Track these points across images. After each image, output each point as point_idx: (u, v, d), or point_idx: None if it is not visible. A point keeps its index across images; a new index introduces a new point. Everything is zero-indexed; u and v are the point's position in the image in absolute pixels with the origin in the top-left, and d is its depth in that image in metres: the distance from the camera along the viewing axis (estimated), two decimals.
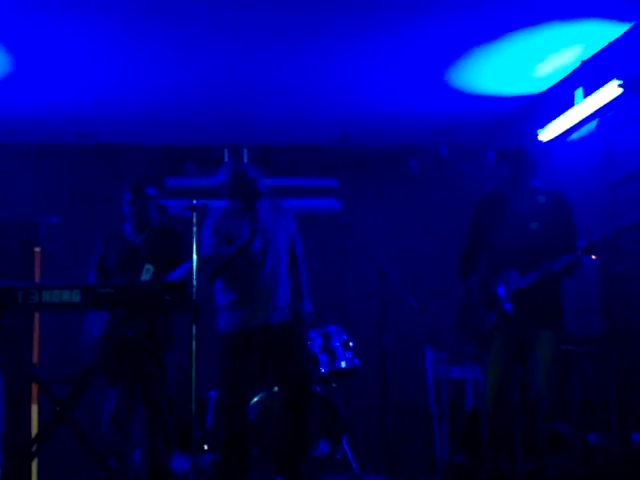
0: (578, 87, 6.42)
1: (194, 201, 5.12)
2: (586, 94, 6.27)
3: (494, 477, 5.16)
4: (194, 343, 4.91)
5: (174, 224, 5.90)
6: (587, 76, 6.32)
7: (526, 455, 5.22)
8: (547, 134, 6.83)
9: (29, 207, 7.79)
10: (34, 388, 6.58)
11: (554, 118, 6.69)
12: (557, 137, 6.78)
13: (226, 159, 8.41)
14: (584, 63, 6.39)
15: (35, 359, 6.87)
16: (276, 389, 6.37)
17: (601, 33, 5.98)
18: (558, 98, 6.79)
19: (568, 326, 5.95)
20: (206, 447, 6.72)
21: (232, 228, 5.50)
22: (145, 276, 5.61)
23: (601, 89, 6.01)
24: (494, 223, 5.29)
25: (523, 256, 5.11)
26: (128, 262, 5.71)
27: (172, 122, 7.77)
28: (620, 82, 5.81)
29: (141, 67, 6.54)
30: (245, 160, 8.39)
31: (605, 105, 6.08)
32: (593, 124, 6.36)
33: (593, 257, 5.34)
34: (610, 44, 6.08)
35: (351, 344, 6.69)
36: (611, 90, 5.90)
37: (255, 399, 6.41)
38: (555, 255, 4.96)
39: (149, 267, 5.63)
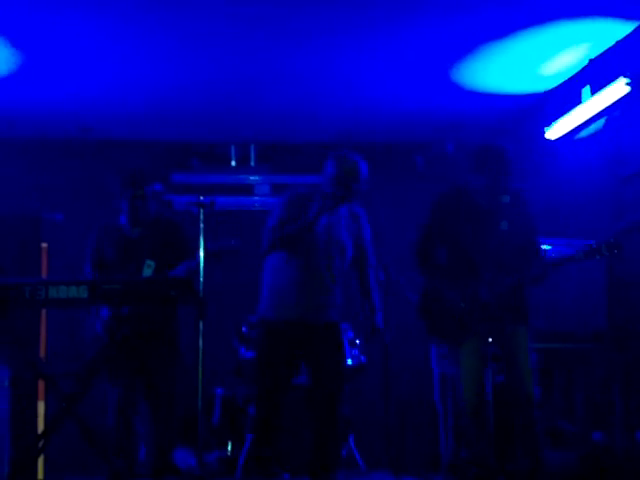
0: (585, 85, 6.42)
1: (201, 197, 5.11)
2: (593, 92, 6.26)
3: (484, 476, 5.16)
4: (200, 339, 4.91)
5: (171, 215, 5.80)
6: (594, 74, 6.32)
7: (521, 453, 5.23)
8: (554, 132, 6.82)
9: (34, 203, 7.80)
10: (41, 384, 6.59)
11: (561, 116, 6.69)
12: (564, 135, 6.78)
13: (232, 155, 8.44)
14: (591, 61, 6.38)
15: (42, 354, 6.88)
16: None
17: (608, 31, 5.98)
18: (565, 96, 6.79)
19: (572, 324, 5.98)
20: (212, 444, 6.75)
21: (306, 212, 5.24)
22: (146, 272, 5.57)
23: (608, 87, 6.01)
24: (460, 222, 5.22)
25: (497, 257, 5.08)
26: (128, 256, 5.64)
27: (177, 118, 7.78)
28: (627, 80, 5.81)
29: (146, 62, 6.54)
30: (253, 156, 8.44)
31: (613, 103, 6.07)
32: (601, 122, 6.36)
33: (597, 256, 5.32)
34: (617, 42, 6.08)
35: (357, 341, 6.70)
36: (618, 88, 5.90)
37: None
38: (528, 259, 4.98)
39: (150, 263, 5.57)
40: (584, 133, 6.61)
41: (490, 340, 5.03)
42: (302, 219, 5.18)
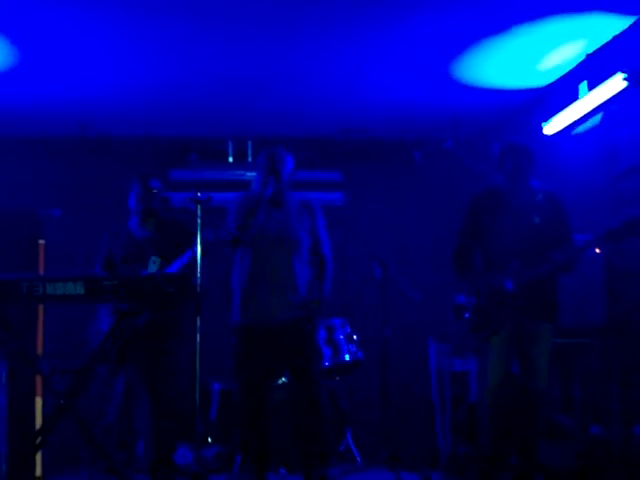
0: (583, 80, 6.41)
1: (198, 194, 5.12)
2: (591, 87, 6.26)
3: (494, 469, 5.19)
4: (198, 334, 4.92)
5: (180, 217, 5.88)
6: (592, 69, 6.31)
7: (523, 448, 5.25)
8: (552, 127, 6.82)
9: (32, 199, 7.80)
10: (38, 380, 6.59)
11: (559, 111, 6.69)
12: (562, 130, 6.78)
13: (230, 151, 8.44)
14: (589, 56, 6.38)
15: (39, 351, 6.87)
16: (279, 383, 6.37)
17: (606, 26, 5.97)
18: (563, 91, 6.79)
19: (571, 318, 5.98)
20: (210, 439, 6.75)
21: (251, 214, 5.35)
22: (152, 268, 5.62)
23: (606, 82, 6.01)
24: (495, 219, 5.30)
25: (527, 249, 5.16)
26: (134, 255, 5.71)
27: (175, 114, 7.77)
28: (625, 75, 5.80)
29: (144, 59, 6.53)
30: (250, 151, 8.44)
31: (610, 98, 6.07)
32: (598, 117, 6.36)
33: (597, 251, 5.34)
34: (615, 37, 6.07)
35: (355, 337, 6.70)
36: (616, 83, 5.90)
37: None
38: (559, 247, 5.03)
39: (155, 259, 5.63)
40: (581, 128, 6.61)
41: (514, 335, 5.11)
42: (241, 221, 5.29)
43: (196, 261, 5.03)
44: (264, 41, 6.26)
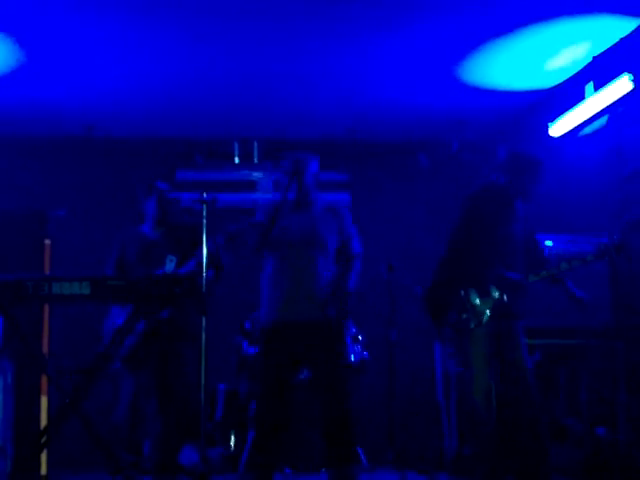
0: (589, 82, 6.42)
1: (204, 194, 5.13)
2: (597, 89, 6.26)
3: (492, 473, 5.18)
4: (203, 335, 4.92)
5: (192, 220, 5.86)
6: (598, 71, 6.31)
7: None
8: (558, 129, 6.82)
9: (38, 200, 7.81)
10: (44, 379, 6.60)
11: (565, 113, 6.69)
12: (568, 132, 6.78)
13: (236, 152, 8.44)
14: (595, 58, 6.38)
15: (45, 350, 6.89)
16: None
17: (612, 28, 5.97)
18: (569, 93, 6.79)
19: (577, 320, 5.98)
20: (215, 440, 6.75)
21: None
22: (169, 266, 5.63)
23: (612, 84, 6.01)
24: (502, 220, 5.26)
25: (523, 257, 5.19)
26: (147, 255, 5.71)
27: (181, 115, 7.77)
28: (631, 77, 5.81)
29: (149, 60, 6.54)
30: (256, 152, 8.43)
31: (616, 100, 6.07)
32: (604, 119, 6.36)
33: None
34: (621, 39, 6.07)
35: (360, 337, 6.70)
36: (622, 85, 5.90)
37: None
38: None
39: (172, 257, 5.64)
40: (587, 130, 6.61)
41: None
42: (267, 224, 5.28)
43: (203, 264, 5.03)
44: (270, 42, 6.26)
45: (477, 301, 5.11)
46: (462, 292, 5.10)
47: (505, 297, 5.07)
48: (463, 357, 5.23)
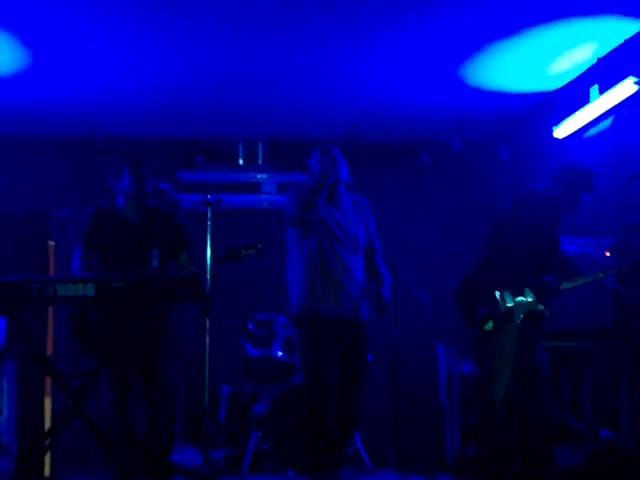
0: (594, 84, 6.41)
1: (208, 196, 5.12)
2: (601, 91, 6.25)
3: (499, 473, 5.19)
4: (207, 337, 4.92)
5: (165, 206, 5.74)
6: (603, 73, 6.30)
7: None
8: (562, 131, 6.82)
9: (42, 200, 7.80)
10: (47, 381, 6.60)
11: (569, 115, 6.68)
12: (572, 134, 6.77)
13: (240, 153, 8.43)
14: (600, 60, 6.37)
15: (49, 352, 6.88)
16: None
17: (617, 30, 5.97)
18: (574, 95, 6.78)
19: (581, 322, 5.98)
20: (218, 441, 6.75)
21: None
22: (153, 263, 5.52)
23: (617, 86, 6.01)
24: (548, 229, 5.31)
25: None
26: (131, 243, 5.49)
27: (184, 115, 7.77)
28: (636, 79, 5.80)
29: (152, 60, 6.54)
30: (260, 153, 8.43)
31: (621, 102, 6.07)
32: (608, 121, 6.35)
33: (607, 254, 5.36)
34: (626, 41, 6.07)
35: None
36: (627, 87, 5.90)
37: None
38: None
39: (156, 254, 5.55)
40: (592, 132, 6.60)
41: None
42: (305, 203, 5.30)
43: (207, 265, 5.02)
44: (273, 43, 6.26)
45: (511, 303, 5.13)
46: (497, 293, 5.13)
47: (540, 304, 5.11)
48: (487, 357, 5.26)
